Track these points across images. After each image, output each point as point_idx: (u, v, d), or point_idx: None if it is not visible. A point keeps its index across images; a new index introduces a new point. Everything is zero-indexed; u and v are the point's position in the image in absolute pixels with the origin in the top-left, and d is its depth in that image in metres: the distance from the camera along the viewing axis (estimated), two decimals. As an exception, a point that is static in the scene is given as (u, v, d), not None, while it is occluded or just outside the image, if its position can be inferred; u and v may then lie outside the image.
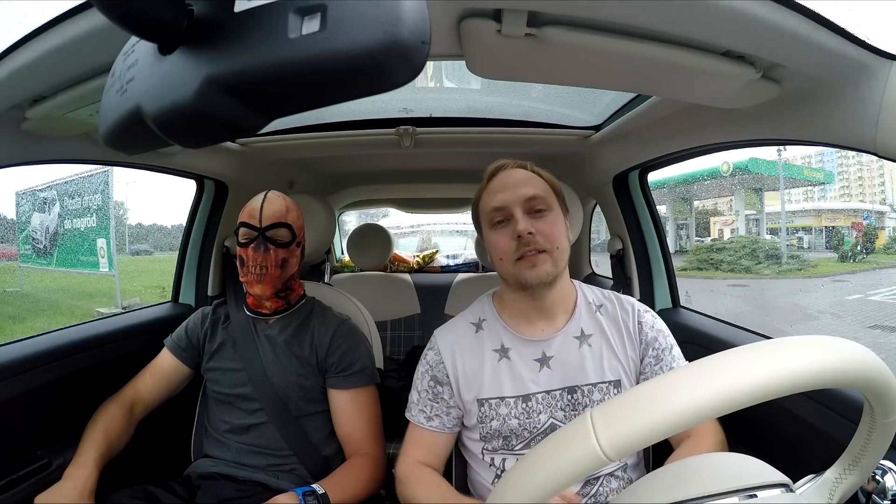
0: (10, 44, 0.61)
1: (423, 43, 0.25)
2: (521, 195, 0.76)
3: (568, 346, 0.80)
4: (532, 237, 0.74)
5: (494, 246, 0.79)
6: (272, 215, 0.99)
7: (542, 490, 0.36)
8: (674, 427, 0.33)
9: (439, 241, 3.70)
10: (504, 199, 0.77)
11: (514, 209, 0.76)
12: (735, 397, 0.33)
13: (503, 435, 0.78)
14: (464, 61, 0.70)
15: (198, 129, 0.31)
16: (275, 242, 0.98)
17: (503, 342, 0.82)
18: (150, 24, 0.29)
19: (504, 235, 0.77)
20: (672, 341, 0.83)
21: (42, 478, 0.91)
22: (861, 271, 9.52)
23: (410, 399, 0.86)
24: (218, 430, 1.03)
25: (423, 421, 0.83)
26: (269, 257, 0.97)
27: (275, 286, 1.00)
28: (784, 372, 0.33)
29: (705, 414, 0.33)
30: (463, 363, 0.81)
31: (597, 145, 1.30)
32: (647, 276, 1.41)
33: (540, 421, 0.77)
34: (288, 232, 1.01)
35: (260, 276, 0.97)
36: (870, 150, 0.62)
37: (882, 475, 0.50)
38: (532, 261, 0.75)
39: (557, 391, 0.78)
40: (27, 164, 0.87)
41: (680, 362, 0.81)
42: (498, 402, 0.78)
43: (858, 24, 0.55)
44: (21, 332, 2.57)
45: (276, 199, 1.02)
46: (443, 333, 0.86)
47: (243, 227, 0.99)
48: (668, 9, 0.53)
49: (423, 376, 0.84)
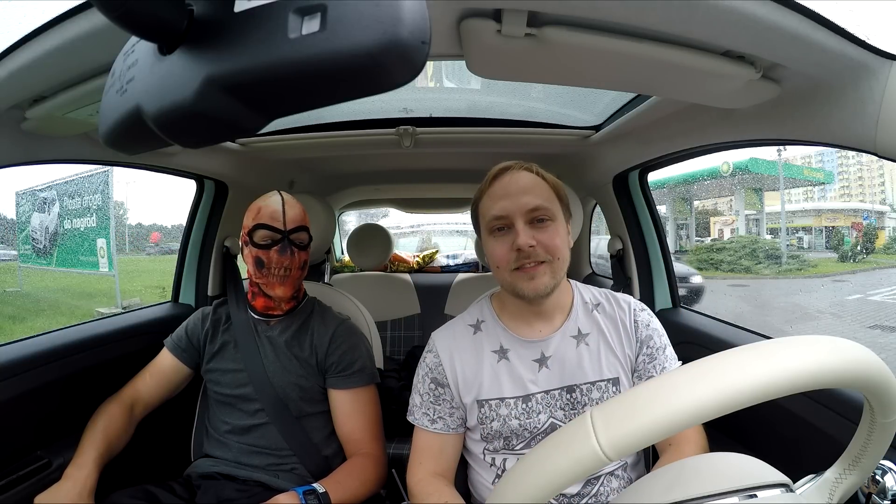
0: (10, 44, 0.61)
1: (423, 43, 0.25)
2: (523, 205, 0.74)
3: (565, 345, 0.80)
4: (532, 250, 0.72)
5: (492, 254, 0.77)
6: (295, 218, 1.01)
7: (542, 490, 0.36)
8: (674, 427, 0.33)
9: (439, 241, 3.70)
10: (505, 207, 0.74)
11: (515, 219, 0.74)
12: (735, 397, 0.33)
13: (504, 435, 0.78)
14: (464, 61, 0.70)
15: (198, 129, 0.31)
16: (298, 245, 1.00)
17: (502, 343, 0.82)
18: (150, 24, 0.29)
19: (503, 244, 0.75)
20: (666, 341, 0.83)
21: (42, 478, 0.91)
22: (861, 271, 9.51)
23: (412, 402, 0.85)
24: (218, 430, 1.03)
25: (428, 424, 0.82)
26: (294, 260, 0.99)
27: (295, 287, 1.02)
28: (784, 372, 0.33)
29: (705, 414, 0.33)
30: (462, 365, 0.81)
31: (597, 145, 1.30)
32: (647, 277, 1.41)
33: (540, 421, 0.77)
34: (307, 235, 1.03)
35: (283, 277, 0.99)
36: (870, 150, 0.62)
37: (882, 475, 0.50)
38: (531, 273, 0.73)
39: (556, 391, 0.78)
40: (27, 164, 0.87)
41: (673, 363, 0.81)
42: (498, 402, 0.78)
43: (858, 24, 0.55)
44: (21, 332, 2.57)
45: (293, 202, 1.03)
46: (441, 336, 0.86)
47: (263, 230, 0.98)
48: (668, 9, 0.53)
49: (423, 379, 0.84)
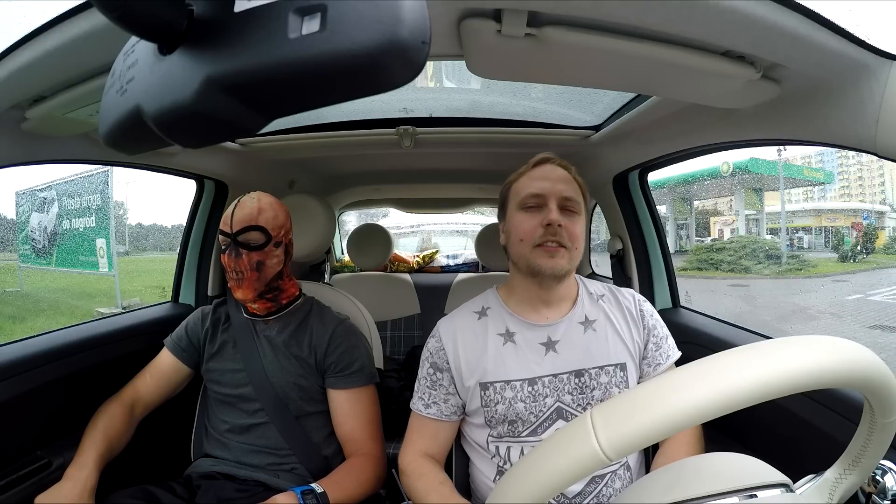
0: (10, 44, 0.61)
1: (423, 43, 0.25)
2: (559, 190, 0.80)
3: (573, 330, 0.82)
4: (560, 229, 0.78)
5: (519, 226, 0.80)
6: (242, 219, 0.98)
7: (542, 490, 0.36)
8: (674, 427, 0.33)
9: (439, 241, 3.69)
10: (543, 187, 0.80)
11: (549, 200, 0.79)
12: (735, 397, 0.33)
13: (509, 419, 0.78)
14: (464, 61, 0.70)
15: (198, 129, 0.31)
16: (246, 246, 0.97)
17: (508, 327, 0.83)
18: (150, 24, 0.29)
19: (533, 219, 0.79)
20: (667, 332, 0.88)
21: (42, 478, 0.91)
22: (861, 271, 9.52)
23: (414, 387, 0.88)
24: (218, 430, 1.03)
25: (422, 408, 0.84)
26: (241, 262, 0.97)
27: (255, 289, 0.99)
28: (784, 372, 0.33)
29: (705, 414, 0.33)
30: (465, 348, 0.82)
31: (597, 145, 1.29)
32: (647, 277, 1.41)
33: (546, 405, 0.77)
34: (260, 234, 0.99)
35: (238, 280, 0.97)
36: (870, 150, 0.62)
37: (882, 475, 0.50)
38: (551, 252, 0.78)
39: (564, 374, 0.79)
40: (27, 164, 0.87)
41: (675, 352, 0.86)
42: (503, 385, 0.78)
43: (858, 24, 0.55)
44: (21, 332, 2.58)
45: (248, 201, 1.00)
46: (445, 322, 0.87)
47: (220, 234, 1.00)
48: (668, 9, 0.53)
49: (423, 363, 0.86)
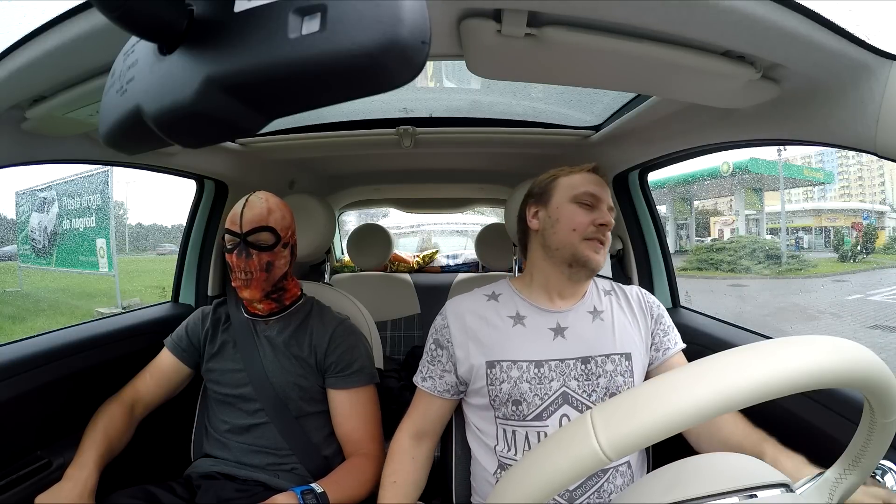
0: (10, 44, 0.61)
1: (423, 43, 0.25)
2: (607, 199, 0.86)
3: (582, 319, 0.85)
4: (609, 231, 0.84)
5: (573, 217, 0.83)
6: (252, 220, 0.97)
7: (542, 489, 0.36)
8: (674, 427, 0.33)
9: (439, 241, 3.69)
10: (598, 192, 0.86)
11: (602, 204, 0.86)
12: (735, 397, 0.33)
13: (513, 399, 0.79)
14: (464, 61, 0.70)
15: (198, 129, 0.31)
16: (257, 247, 0.97)
17: (519, 310, 0.86)
18: (150, 24, 0.29)
19: (587, 215, 0.84)
20: (672, 322, 0.91)
21: (42, 478, 0.91)
22: (861, 271, 9.52)
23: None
24: (218, 430, 1.03)
25: (419, 381, 0.88)
26: (251, 263, 0.96)
27: (263, 289, 0.99)
28: (784, 372, 0.33)
29: (705, 414, 0.33)
30: (473, 326, 0.84)
31: (597, 145, 1.29)
32: (647, 276, 1.41)
33: (552, 388, 0.79)
34: (270, 235, 0.98)
35: (246, 281, 0.97)
36: (870, 150, 0.62)
37: (882, 475, 0.50)
38: (597, 247, 0.83)
39: (571, 360, 0.80)
40: (27, 164, 0.87)
41: (681, 342, 0.90)
42: (510, 364, 0.80)
43: (858, 24, 0.55)
44: (21, 332, 2.57)
45: (257, 202, 1.00)
46: (454, 302, 0.90)
47: (227, 234, 0.99)
48: (667, 9, 0.53)
49: (428, 339, 0.90)
